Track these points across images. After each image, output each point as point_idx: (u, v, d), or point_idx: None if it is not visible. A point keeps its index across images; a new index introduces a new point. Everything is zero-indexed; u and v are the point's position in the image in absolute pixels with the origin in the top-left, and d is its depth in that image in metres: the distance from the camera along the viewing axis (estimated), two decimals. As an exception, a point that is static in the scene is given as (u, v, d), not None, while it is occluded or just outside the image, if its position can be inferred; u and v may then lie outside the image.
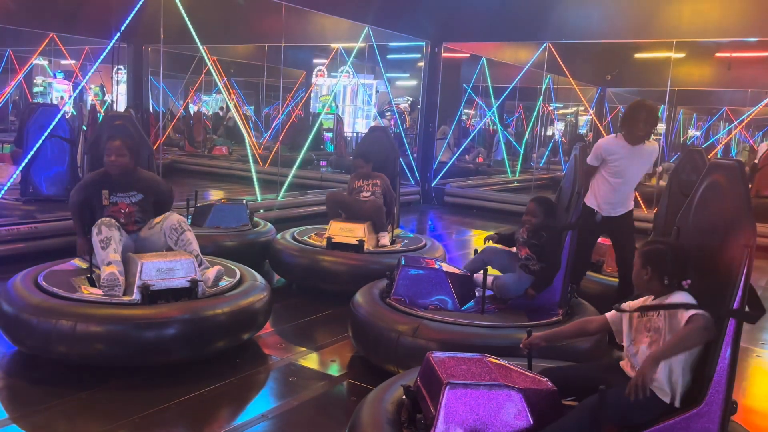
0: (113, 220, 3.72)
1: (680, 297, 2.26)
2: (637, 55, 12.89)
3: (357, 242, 5.04)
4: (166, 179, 4.53)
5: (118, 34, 6.55)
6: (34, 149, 6.30)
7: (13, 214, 6.08)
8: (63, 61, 14.30)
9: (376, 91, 15.22)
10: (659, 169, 11.18)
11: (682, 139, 20.05)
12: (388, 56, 13.56)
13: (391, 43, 11.98)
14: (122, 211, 3.86)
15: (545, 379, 2.22)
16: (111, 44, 6.56)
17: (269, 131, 15.84)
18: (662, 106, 14.39)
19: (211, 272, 3.70)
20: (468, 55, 12.73)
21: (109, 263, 3.50)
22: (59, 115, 6.52)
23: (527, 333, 2.59)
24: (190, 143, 14.62)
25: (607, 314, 2.53)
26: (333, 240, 5.07)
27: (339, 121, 14.96)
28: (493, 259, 3.95)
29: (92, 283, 3.65)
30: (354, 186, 5.57)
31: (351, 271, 4.86)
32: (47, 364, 3.38)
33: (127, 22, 6.60)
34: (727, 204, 2.29)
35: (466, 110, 15.79)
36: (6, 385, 3.28)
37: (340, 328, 4.19)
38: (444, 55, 10.42)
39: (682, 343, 2.13)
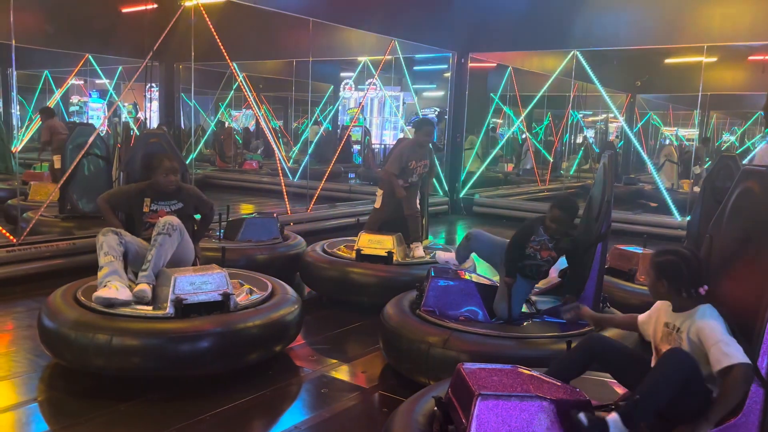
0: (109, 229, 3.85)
1: (710, 322, 2.18)
2: (668, 61, 12.73)
3: (386, 254, 5.06)
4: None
5: (151, 53, 6.70)
6: (72, 167, 6.48)
7: (52, 230, 6.26)
8: (98, 81, 14.70)
9: (403, 103, 15.27)
10: (696, 170, 10.98)
11: (715, 145, 19.65)
12: (415, 68, 13.60)
13: (417, 55, 12.02)
14: (160, 218, 3.97)
15: (578, 389, 2.21)
16: (144, 63, 6.73)
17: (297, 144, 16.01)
18: (694, 111, 14.18)
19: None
20: (494, 64, 12.71)
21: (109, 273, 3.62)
22: (95, 134, 6.70)
23: (567, 344, 2.58)
24: (221, 158, 14.85)
25: (639, 316, 2.56)
26: (362, 252, 5.10)
27: (367, 133, 15.06)
28: (480, 247, 3.90)
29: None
30: (409, 167, 5.48)
31: (380, 282, 4.89)
32: (86, 377, 3.46)
33: (160, 41, 6.77)
34: (760, 211, 2.25)
35: (494, 119, 15.71)
36: (47, 398, 3.37)
37: (370, 340, 4.20)
38: (470, 65, 10.44)
39: (728, 403, 2.08)
